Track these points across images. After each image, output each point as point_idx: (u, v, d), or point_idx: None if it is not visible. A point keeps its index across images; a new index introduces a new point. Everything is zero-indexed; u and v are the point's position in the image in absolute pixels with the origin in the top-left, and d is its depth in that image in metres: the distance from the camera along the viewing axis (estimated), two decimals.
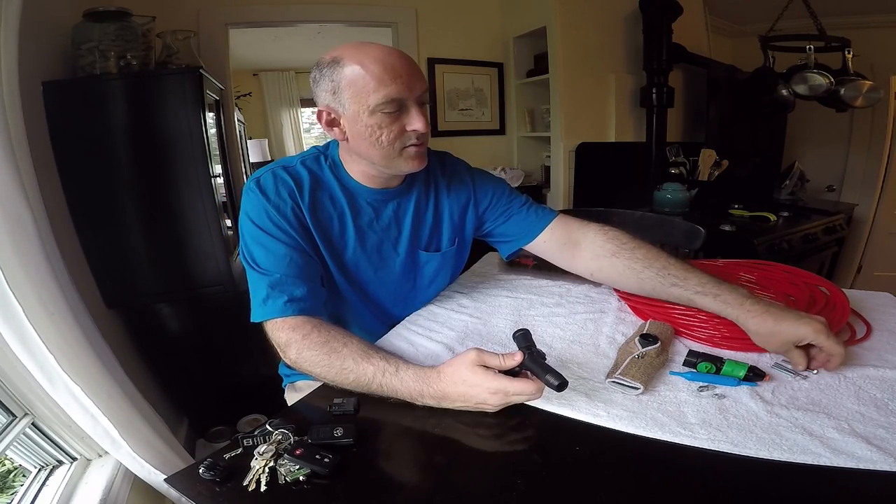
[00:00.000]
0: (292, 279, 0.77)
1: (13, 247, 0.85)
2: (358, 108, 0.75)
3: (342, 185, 0.88)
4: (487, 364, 0.63)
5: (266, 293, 0.76)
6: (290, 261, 0.79)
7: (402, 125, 0.78)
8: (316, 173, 0.87)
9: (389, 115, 0.76)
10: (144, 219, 1.50)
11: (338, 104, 0.77)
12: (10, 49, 0.97)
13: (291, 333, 0.73)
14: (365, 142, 0.78)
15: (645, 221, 1.50)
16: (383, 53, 0.75)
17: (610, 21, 2.61)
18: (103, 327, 1.15)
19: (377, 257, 0.93)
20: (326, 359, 0.70)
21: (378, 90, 0.73)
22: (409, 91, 0.76)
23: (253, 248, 0.80)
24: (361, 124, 0.77)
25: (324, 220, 0.87)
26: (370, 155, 0.81)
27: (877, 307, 0.91)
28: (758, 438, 0.57)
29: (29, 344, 0.88)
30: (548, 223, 0.96)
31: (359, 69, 0.73)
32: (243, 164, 2.49)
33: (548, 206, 1.01)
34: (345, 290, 0.93)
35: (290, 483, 0.53)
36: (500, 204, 0.99)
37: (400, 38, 2.60)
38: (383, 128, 0.76)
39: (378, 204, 0.90)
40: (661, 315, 0.86)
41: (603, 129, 2.69)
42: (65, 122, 1.36)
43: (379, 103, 0.74)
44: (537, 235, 0.96)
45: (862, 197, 3.02)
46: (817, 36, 2.33)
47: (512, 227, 0.98)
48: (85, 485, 1.04)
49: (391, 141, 0.78)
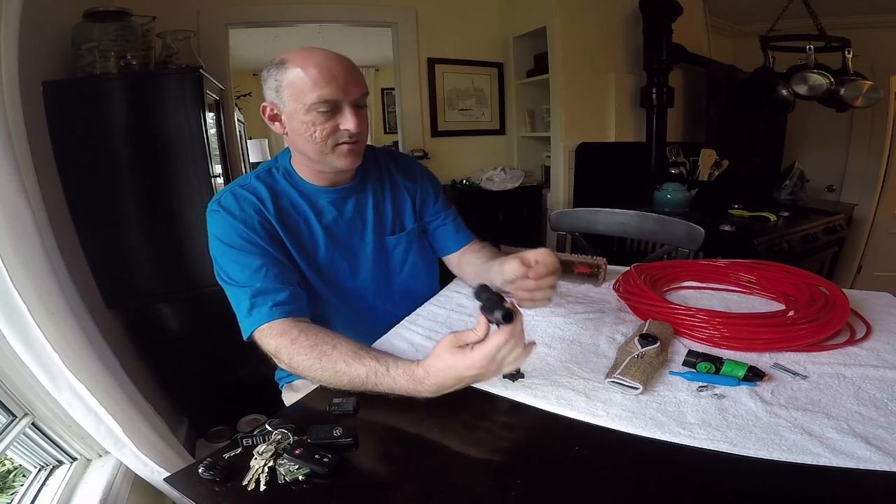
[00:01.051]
0: (272, 286, 0.81)
1: (13, 247, 0.85)
2: (295, 106, 0.82)
3: (298, 190, 0.93)
4: (466, 342, 0.63)
5: (249, 304, 0.79)
6: (266, 271, 0.82)
7: (336, 124, 0.83)
8: (271, 185, 0.92)
9: (323, 114, 0.81)
10: (144, 219, 1.50)
11: (279, 101, 0.84)
12: (10, 49, 0.97)
13: (279, 339, 0.76)
14: (300, 137, 0.84)
15: (645, 221, 1.50)
16: (324, 58, 0.81)
17: (610, 21, 2.61)
18: (103, 327, 1.15)
19: (348, 252, 0.98)
20: (318, 363, 0.71)
21: (313, 91, 0.79)
22: (344, 94, 0.81)
23: (227, 266, 0.84)
24: (297, 121, 0.83)
25: (292, 226, 0.91)
26: (305, 149, 0.87)
27: (877, 307, 0.91)
28: (757, 438, 0.57)
29: (32, 344, 0.87)
30: (461, 247, 1.10)
31: (300, 71, 0.80)
32: (243, 164, 2.49)
33: (465, 228, 1.13)
34: (323, 293, 0.95)
35: (289, 483, 0.53)
36: (435, 207, 1.10)
37: (400, 38, 2.60)
38: (317, 125, 0.82)
39: (337, 202, 0.96)
40: (660, 315, 0.86)
41: (603, 129, 2.69)
42: (65, 122, 1.36)
43: (313, 102, 0.80)
44: (451, 253, 1.11)
45: (862, 197, 3.02)
46: (817, 36, 2.33)
47: (437, 235, 1.10)
48: (85, 485, 1.04)
49: (324, 138, 0.83)
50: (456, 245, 1.10)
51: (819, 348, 0.77)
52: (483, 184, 2.72)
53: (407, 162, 1.11)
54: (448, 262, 1.14)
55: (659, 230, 1.46)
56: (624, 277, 1.03)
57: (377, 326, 0.94)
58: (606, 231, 1.55)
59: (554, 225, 1.60)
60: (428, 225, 1.10)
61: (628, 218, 1.51)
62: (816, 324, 0.79)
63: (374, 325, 0.94)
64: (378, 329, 0.92)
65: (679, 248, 1.40)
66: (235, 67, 2.64)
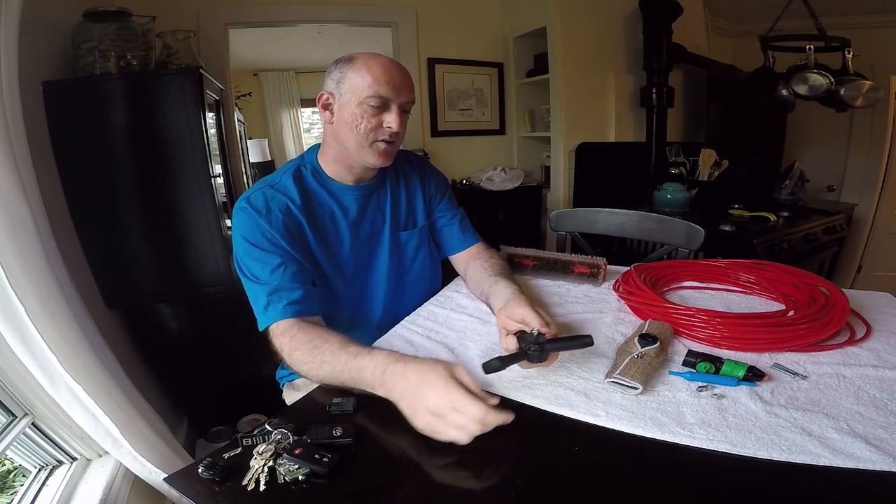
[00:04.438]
0: (288, 285, 0.85)
1: (13, 247, 0.85)
2: (350, 98, 0.88)
3: (326, 188, 0.98)
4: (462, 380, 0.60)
5: (266, 301, 0.83)
6: (284, 269, 0.86)
7: (381, 120, 0.90)
8: (301, 183, 0.96)
9: (373, 109, 0.88)
10: (144, 219, 1.50)
11: (337, 91, 0.90)
12: (10, 49, 0.97)
13: (282, 338, 0.80)
14: (346, 126, 0.90)
15: (645, 221, 1.50)
16: (387, 62, 0.89)
17: (610, 21, 2.61)
18: (103, 327, 1.15)
19: (369, 247, 1.02)
20: (309, 356, 0.74)
21: (371, 87, 0.87)
22: (396, 95, 0.88)
23: (249, 263, 0.88)
24: (348, 111, 0.89)
25: (319, 224, 0.96)
26: (346, 139, 0.91)
27: (876, 307, 0.91)
28: (757, 438, 0.57)
29: (30, 344, 0.87)
30: (466, 248, 1.13)
31: (364, 68, 0.87)
32: (243, 164, 2.49)
33: (472, 230, 1.16)
34: (341, 289, 0.98)
35: (289, 482, 0.53)
36: (441, 205, 1.13)
37: (400, 38, 2.60)
38: (364, 118, 0.88)
39: (361, 199, 1.00)
40: (660, 315, 0.86)
41: (603, 129, 2.69)
42: (65, 122, 1.36)
43: (368, 96, 0.87)
44: (455, 254, 1.14)
45: (862, 197, 3.02)
46: (817, 36, 2.33)
47: (443, 234, 1.13)
48: (85, 485, 1.04)
49: (367, 131, 0.89)
50: (461, 245, 1.13)
51: (819, 348, 0.77)
52: (483, 184, 2.72)
53: (420, 161, 1.15)
54: (454, 262, 1.15)
55: (659, 230, 1.46)
56: (624, 277, 1.03)
57: (388, 321, 0.98)
58: (606, 231, 1.55)
59: (554, 225, 1.60)
60: (435, 223, 1.13)
61: (628, 218, 1.51)
62: (816, 324, 0.79)
63: (385, 320, 1.00)
64: (389, 324, 0.96)
65: (679, 248, 1.40)
66: (235, 67, 2.65)
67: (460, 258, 1.13)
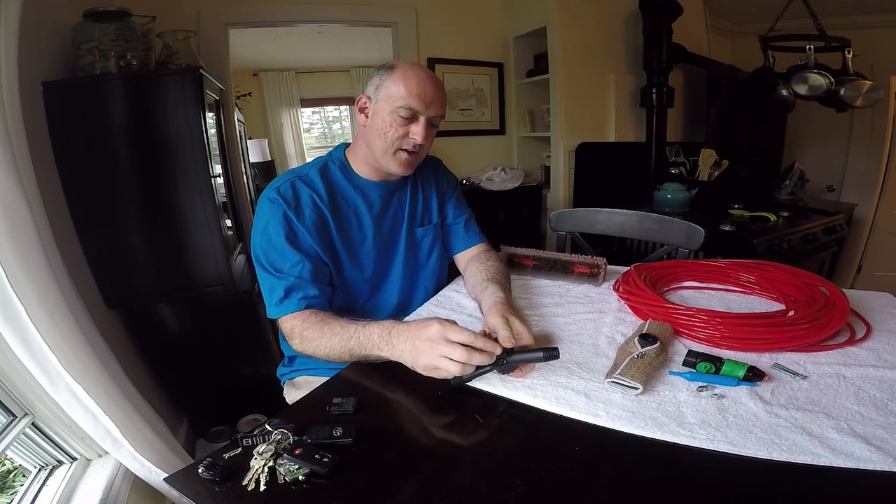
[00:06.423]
0: (306, 281, 0.90)
1: (13, 247, 0.85)
2: (384, 105, 0.93)
3: (352, 183, 1.01)
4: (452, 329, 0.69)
5: (282, 294, 0.88)
6: (303, 266, 0.91)
7: (408, 130, 0.93)
8: (328, 178, 1.00)
9: (402, 118, 0.92)
10: (144, 219, 1.50)
11: (374, 96, 0.94)
12: (10, 49, 0.97)
13: (294, 321, 0.87)
14: (376, 131, 0.94)
15: (645, 221, 1.50)
16: (424, 75, 0.92)
17: (610, 21, 2.61)
18: (103, 327, 1.15)
19: (389, 243, 1.06)
20: (319, 332, 0.83)
21: (404, 98, 0.91)
22: (426, 108, 0.92)
23: (269, 253, 0.91)
24: (380, 118, 0.93)
25: (343, 218, 0.99)
26: (374, 143, 0.95)
27: (876, 307, 0.91)
28: (757, 438, 0.57)
29: (30, 344, 0.87)
30: (469, 247, 1.15)
31: (400, 79, 0.91)
32: (243, 164, 2.49)
33: (477, 230, 1.18)
34: (359, 284, 1.02)
35: (289, 482, 0.53)
36: (449, 204, 1.17)
37: (400, 38, 2.60)
38: (393, 126, 0.92)
39: (386, 196, 1.04)
40: (660, 315, 0.86)
41: (603, 129, 2.69)
42: (65, 122, 1.36)
43: (399, 106, 0.91)
44: (458, 253, 1.16)
45: (862, 197, 3.02)
46: (817, 36, 2.33)
47: (449, 233, 1.17)
48: (85, 485, 1.04)
49: (394, 139, 0.93)
50: (464, 245, 1.15)
51: (819, 348, 0.77)
52: (483, 184, 2.72)
53: (434, 161, 1.19)
54: (457, 261, 1.18)
55: (659, 230, 1.46)
56: (624, 277, 1.03)
57: (400, 316, 1.01)
58: (606, 231, 1.55)
59: (554, 225, 1.60)
60: (443, 221, 1.16)
61: (628, 218, 1.51)
62: (816, 324, 0.79)
63: (398, 315, 1.03)
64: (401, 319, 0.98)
65: (679, 248, 1.40)
66: (235, 67, 2.65)
67: (462, 258, 1.16)
